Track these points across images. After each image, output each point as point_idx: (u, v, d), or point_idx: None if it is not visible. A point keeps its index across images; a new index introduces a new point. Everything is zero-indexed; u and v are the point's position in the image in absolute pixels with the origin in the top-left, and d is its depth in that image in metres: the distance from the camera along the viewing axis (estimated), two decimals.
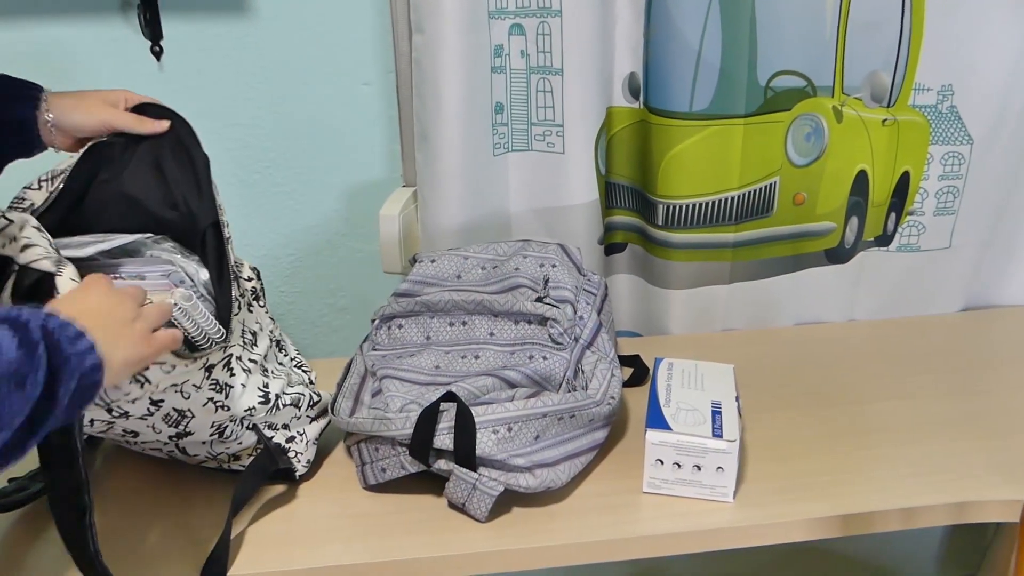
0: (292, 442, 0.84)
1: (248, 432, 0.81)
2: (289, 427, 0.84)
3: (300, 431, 0.85)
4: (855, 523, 0.82)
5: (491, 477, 0.78)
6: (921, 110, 1.09)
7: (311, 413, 0.87)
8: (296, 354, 0.94)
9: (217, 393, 0.76)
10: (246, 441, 0.81)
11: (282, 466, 0.82)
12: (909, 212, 1.15)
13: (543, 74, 1.06)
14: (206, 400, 0.76)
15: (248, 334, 0.83)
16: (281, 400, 0.82)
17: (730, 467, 0.81)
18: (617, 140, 1.12)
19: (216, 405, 0.76)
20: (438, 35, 0.99)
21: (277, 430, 0.83)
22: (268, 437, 0.82)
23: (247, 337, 0.82)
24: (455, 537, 0.79)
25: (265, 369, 0.83)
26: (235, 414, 0.79)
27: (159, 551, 0.77)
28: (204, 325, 0.72)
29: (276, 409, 0.82)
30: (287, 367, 0.89)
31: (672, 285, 1.15)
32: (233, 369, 0.78)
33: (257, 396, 0.80)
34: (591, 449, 0.85)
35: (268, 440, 0.82)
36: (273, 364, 0.86)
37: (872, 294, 1.19)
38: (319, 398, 0.88)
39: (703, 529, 0.80)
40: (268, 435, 0.82)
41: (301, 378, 0.89)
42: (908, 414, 0.96)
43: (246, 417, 0.79)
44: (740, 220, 1.12)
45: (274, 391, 0.82)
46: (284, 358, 0.90)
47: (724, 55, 1.02)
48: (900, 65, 1.07)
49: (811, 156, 1.11)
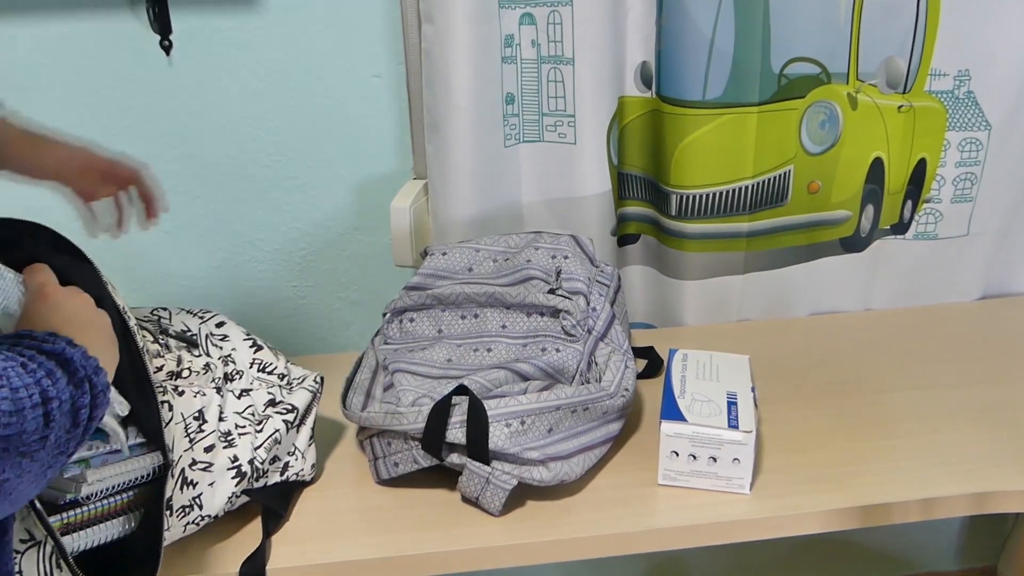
0: (288, 468, 0.82)
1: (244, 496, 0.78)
2: (279, 457, 0.81)
3: (291, 449, 0.82)
4: (874, 514, 0.81)
5: (504, 471, 0.77)
6: (938, 96, 1.07)
7: (293, 422, 0.82)
8: (251, 363, 0.85)
9: (191, 512, 0.73)
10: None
11: (283, 511, 0.80)
12: (926, 199, 1.13)
13: (554, 64, 1.05)
14: (183, 526, 0.73)
15: (191, 420, 0.76)
16: (257, 459, 0.77)
17: (746, 458, 0.80)
18: (629, 130, 1.11)
19: (194, 521, 0.74)
20: (448, 25, 0.98)
21: (267, 475, 0.80)
22: (261, 488, 0.79)
23: (192, 427, 0.75)
24: (469, 531, 0.78)
25: (229, 441, 0.77)
26: (215, 510, 0.75)
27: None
28: None
29: (255, 472, 0.78)
30: (250, 399, 0.81)
31: (686, 276, 1.14)
32: (191, 479, 0.73)
33: (231, 479, 0.76)
34: (605, 441, 0.84)
35: (265, 503, 0.79)
36: (232, 421, 0.78)
37: (889, 283, 1.17)
38: (294, 407, 0.82)
39: (720, 521, 0.80)
40: (260, 484, 0.79)
41: (266, 398, 0.81)
42: (926, 404, 0.95)
43: (231, 499, 0.76)
44: (754, 209, 1.11)
45: (245, 459, 0.76)
46: (239, 396, 0.80)
47: (737, 43, 1.01)
48: (916, 50, 1.05)
49: (826, 144, 1.09)
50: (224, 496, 0.75)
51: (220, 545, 0.78)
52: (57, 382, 0.50)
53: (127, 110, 1.08)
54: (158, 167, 1.12)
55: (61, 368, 0.51)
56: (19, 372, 0.48)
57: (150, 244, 1.15)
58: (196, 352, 0.81)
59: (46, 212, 0.75)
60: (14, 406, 0.46)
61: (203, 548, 0.77)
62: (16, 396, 0.47)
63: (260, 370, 0.84)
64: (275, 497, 0.80)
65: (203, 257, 1.17)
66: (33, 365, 0.49)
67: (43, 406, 0.48)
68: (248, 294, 1.19)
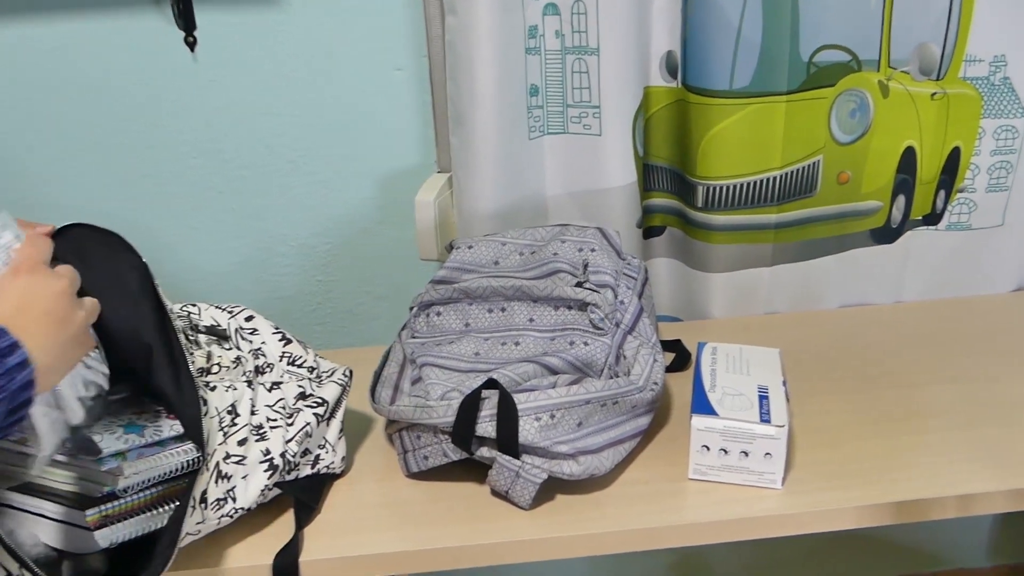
0: (319, 461, 0.82)
1: (276, 489, 0.78)
2: (310, 450, 0.81)
3: (321, 442, 0.82)
4: (909, 510, 0.80)
5: (534, 464, 0.77)
6: (972, 82, 1.05)
7: (323, 416, 0.82)
8: (281, 356, 0.85)
9: (225, 504, 0.74)
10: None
11: (314, 504, 0.80)
12: (959, 189, 1.11)
13: (579, 54, 1.04)
14: (217, 519, 0.74)
15: (224, 414, 0.76)
16: (288, 453, 0.78)
17: (779, 453, 0.79)
18: (655, 121, 1.09)
19: (228, 514, 0.74)
20: (471, 17, 0.98)
21: (298, 468, 0.80)
22: (292, 481, 0.79)
23: (225, 421, 0.75)
24: (499, 525, 0.78)
25: (261, 434, 0.77)
26: (248, 502, 0.75)
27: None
28: None
29: (287, 465, 0.78)
30: (281, 392, 0.81)
31: (712, 268, 1.13)
32: (225, 472, 0.74)
33: (263, 472, 0.76)
34: (635, 435, 0.84)
35: (297, 496, 0.79)
36: (264, 415, 0.78)
37: (920, 274, 1.15)
38: (324, 401, 0.82)
39: (751, 516, 0.79)
40: (291, 477, 0.79)
41: (296, 391, 0.82)
42: (960, 398, 0.93)
43: (263, 491, 0.76)
44: (782, 200, 1.09)
45: (277, 452, 0.77)
46: (269, 389, 0.81)
47: (765, 31, 1.00)
48: (950, 36, 1.03)
49: (856, 133, 1.07)
50: (257, 489, 0.75)
51: (253, 538, 0.78)
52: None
53: (152, 107, 1.09)
54: (183, 163, 1.12)
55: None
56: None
57: (176, 241, 1.16)
58: (227, 345, 0.81)
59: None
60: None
61: (236, 540, 0.77)
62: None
63: (290, 363, 0.84)
64: (306, 490, 0.80)
65: (228, 253, 1.17)
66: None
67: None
68: (273, 289, 1.20)
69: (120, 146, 1.11)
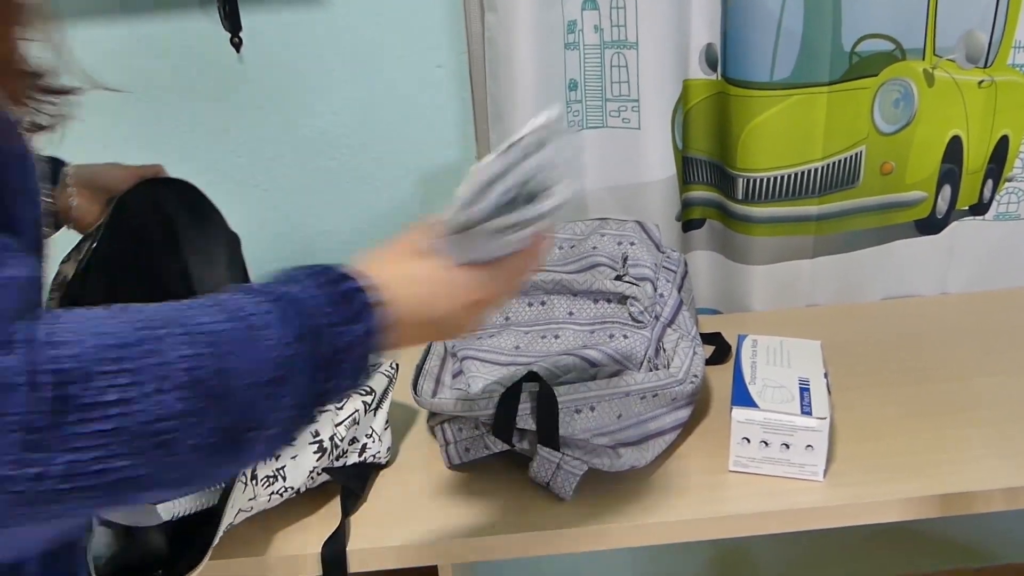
0: (366, 450, 0.84)
1: (324, 475, 0.80)
2: (357, 439, 0.83)
3: (368, 432, 0.84)
4: (954, 503, 0.79)
5: (575, 456, 0.78)
6: (1022, 69, 1.03)
7: (371, 405, 0.84)
8: None
9: (275, 482, 0.76)
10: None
11: (361, 491, 0.82)
12: (1008, 178, 1.09)
13: (617, 49, 1.04)
14: (268, 496, 0.76)
15: None
16: (336, 437, 0.79)
17: (820, 445, 0.79)
18: (694, 113, 1.09)
19: (279, 491, 0.77)
20: (511, 13, 0.99)
21: (346, 456, 0.82)
22: (340, 467, 0.81)
23: None
24: (540, 515, 0.79)
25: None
26: (297, 483, 0.78)
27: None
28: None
29: (335, 449, 0.80)
30: None
31: (753, 261, 1.12)
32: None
33: (312, 453, 0.78)
34: (675, 428, 0.84)
35: (345, 484, 0.82)
36: None
37: (966, 266, 1.14)
38: (372, 390, 0.84)
39: (792, 508, 0.79)
40: (339, 464, 0.81)
41: None
42: (1006, 391, 0.92)
43: (312, 474, 0.79)
44: (824, 192, 1.08)
45: (326, 435, 0.79)
46: None
47: (806, 21, 0.99)
48: (999, 22, 1.01)
49: (900, 123, 1.06)
50: (306, 469, 0.78)
51: (300, 524, 0.80)
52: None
53: (199, 105, 1.12)
54: (227, 161, 1.15)
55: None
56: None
57: None
58: None
59: None
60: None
61: (284, 527, 0.80)
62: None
63: None
64: (354, 477, 0.82)
65: (272, 250, 1.20)
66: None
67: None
68: None
69: (167, 145, 1.14)
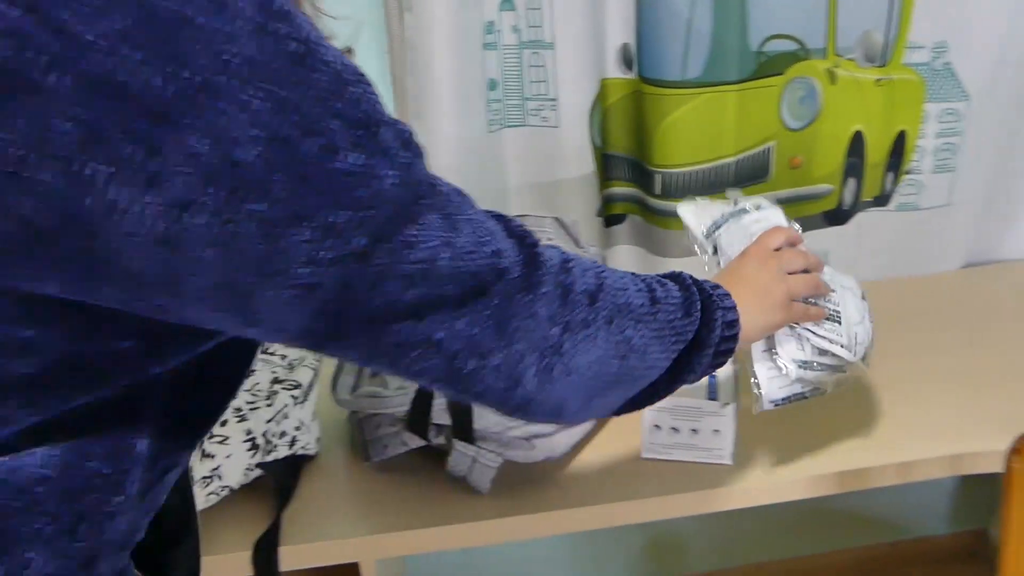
0: (295, 442, 0.85)
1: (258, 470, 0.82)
2: (286, 432, 0.84)
3: (297, 424, 0.85)
4: (852, 479, 0.83)
5: (490, 450, 0.80)
6: (915, 68, 1.08)
7: (299, 398, 0.85)
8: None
9: (211, 482, 0.78)
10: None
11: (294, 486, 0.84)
12: (907, 171, 1.15)
13: (535, 49, 1.06)
14: (205, 496, 0.78)
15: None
16: (269, 432, 0.81)
17: (727, 429, 0.83)
18: (612, 112, 1.12)
19: (215, 491, 0.79)
20: (429, 14, 1.00)
21: (276, 449, 0.83)
22: (272, 461, 0.82)
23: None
24: (460, 509, 0.81)
25: (241, 416, 0.81)
26: (233, 481, 0.79)
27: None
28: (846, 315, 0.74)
29: (268, 444, 0.81)
30: (256, 378, 0.85)
31: (673, 254, 1.16)
32: (209, 452, 0.78)
33: (246, 451, 0.80)
34: None
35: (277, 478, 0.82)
36: (242, 398, 0.82)
37: (874, 254, 1.19)
38: (299, 383, 0.86)
39: (702, 491, 0.82)
40: (271, 458, 0.82)
41: (270, 376, 0.85)
42: (909, 371, 0.97)
43: (246, 471, 0.80)
44: (738, 186, 1.12)
45: (258, 431, 0.80)
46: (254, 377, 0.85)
47: (715, 22, 1.02)
48: (892, 24, 1.06)
49: (806, 119, 1.10)
50: (240, 468, 0.79)
51: (235, 522, 0.81)
52: (667, 288, 0.56)
53: None
54: None
55: (675, 282, 0.58)
56: (633, 276, 0.55)
57: None
58: None
59: None
60: (621, 284, 0.52)
61: (221, 526, 0.80)
62: (623, 279, 0.53)
63: (263, 351, 0.89)
64: (285, 471, 0.83)
65: None
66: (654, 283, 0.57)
67: (648, 292, 0.54)
68: None
69: None
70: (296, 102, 0.33)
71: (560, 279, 0.47)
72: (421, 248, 0.40)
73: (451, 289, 0.42)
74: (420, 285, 0.40)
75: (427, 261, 0.40)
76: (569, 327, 0.47)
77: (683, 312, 0.56)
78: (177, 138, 0.31)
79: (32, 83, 0.30)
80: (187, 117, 0.31)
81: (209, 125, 0.31)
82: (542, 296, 0.46)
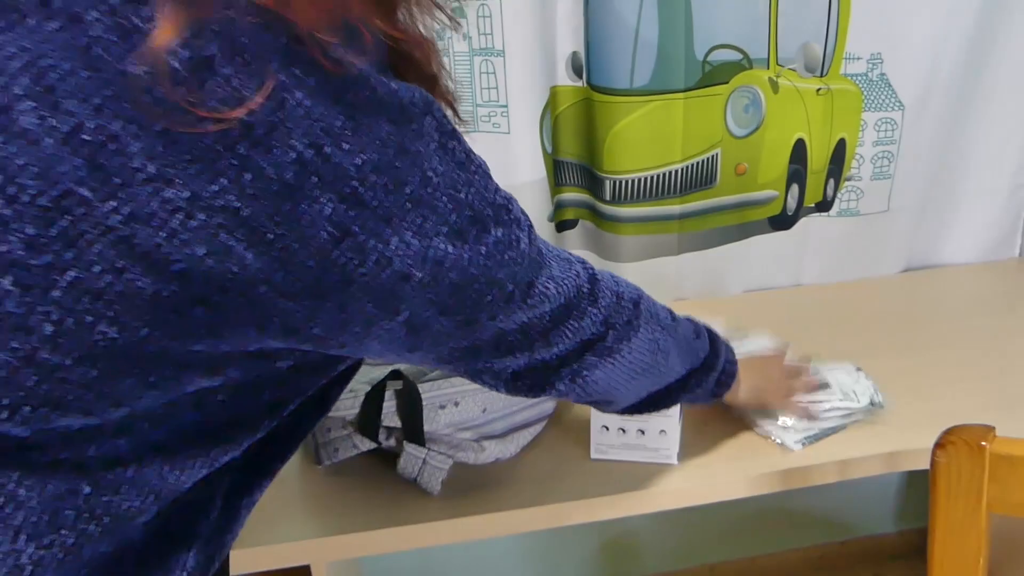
0: None
1: None
2: None
3: None
4: (794, 477, 0.86)
5: (440, 452, 0.81)
6: (853, 78, 1.12)
7: None
8: None
9: None
10: None
11: None
12: (847, 178, 1.19)
13: (486, 56, 1.07)
14: None
15: None
16: None
17: (672, 430, 0.84)
18: (563, 118, 1.14)
19: None
20: None
21: None
22: None
23: None
24: (410, 510, 0.81)
25: None
26: None
27: None
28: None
29: None
30: None
31: (623, 258, 1.18)
32: None
33: None
34: (540, 420, 0.88)
35: None
36: None
37: (817, 259, 1.23)
38: None
39: (649, 490, 0.84)
40: None
41: None
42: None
43: None
44: (685, 192, 1.15)
45: None
46: None
47: (661, 32, 1.05)
48: (831, 35, 1.09)
49: (750, 127, 1.14)
50: None
51: None
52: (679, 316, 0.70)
53: None
54: None
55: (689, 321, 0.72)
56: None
57: None
58: None
59: None
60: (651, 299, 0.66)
61: None
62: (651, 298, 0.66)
63: None
64: None
65: None
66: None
67: (668, 311, 0.68)
68: None
69: None
70: (468, 201, 0.43)
71: (614, 289, 0.60)
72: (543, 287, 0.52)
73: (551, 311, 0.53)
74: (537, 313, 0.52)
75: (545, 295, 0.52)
76: (615, 327, 0.59)
77: (695, 335, 0.70)
78: (399, 235, 0.40)
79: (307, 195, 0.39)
80: (404, 222, 0.40)
81: (418, 228, 0.41)
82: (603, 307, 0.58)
